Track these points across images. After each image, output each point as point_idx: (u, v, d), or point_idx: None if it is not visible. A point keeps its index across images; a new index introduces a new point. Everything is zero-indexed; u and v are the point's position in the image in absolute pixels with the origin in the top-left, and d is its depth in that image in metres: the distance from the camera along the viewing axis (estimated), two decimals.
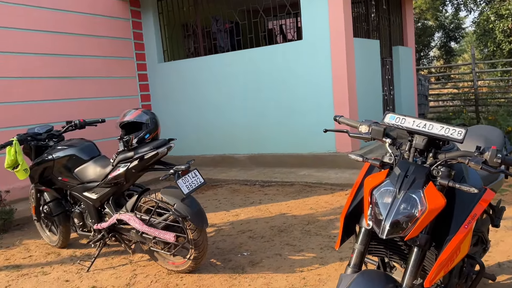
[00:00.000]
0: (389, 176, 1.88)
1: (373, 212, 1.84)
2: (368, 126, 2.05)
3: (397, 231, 1.75)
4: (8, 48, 6.37)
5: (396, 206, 1.76)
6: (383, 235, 1.76)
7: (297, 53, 7.09)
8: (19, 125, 6.14)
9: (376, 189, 1.86)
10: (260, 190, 6.30)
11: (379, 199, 1.83)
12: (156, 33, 8.63)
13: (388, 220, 1.75)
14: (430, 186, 1.77)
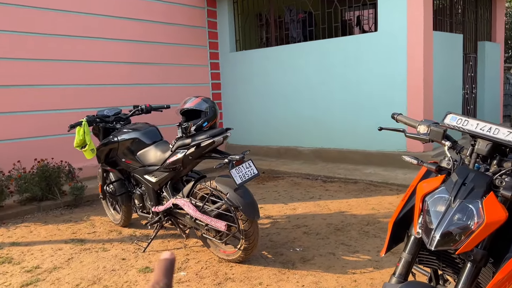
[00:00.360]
0: (445, 182, 1.72)
1: (423, 220, 1.70)
2: (427, 127, 1.89)
3: (448, 243, 1.60)
4: (90, 33, 6.74)
5: (450, 216, 1.61)
6: (432, 246, 1.62)
7: (371, 46, 6.81)
8: (94, 107, 6.49)
9: (429, 196, 1.72)
10: (321, 186, 6.17)
11: (431, 207, 1.69)
12: (230, 22, 8.71)
13: (439, 230, 1.61)
14: (491, 196, 1.60)
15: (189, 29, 8.29)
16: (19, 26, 5.98)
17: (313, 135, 7.65)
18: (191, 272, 3.44)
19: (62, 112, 6.36)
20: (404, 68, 6.45)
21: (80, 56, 6.65)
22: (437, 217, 1.64)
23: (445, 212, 1.64)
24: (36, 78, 6.18)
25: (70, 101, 6.54)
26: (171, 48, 7.98)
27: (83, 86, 6.73)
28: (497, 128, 1.65)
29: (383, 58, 6.67)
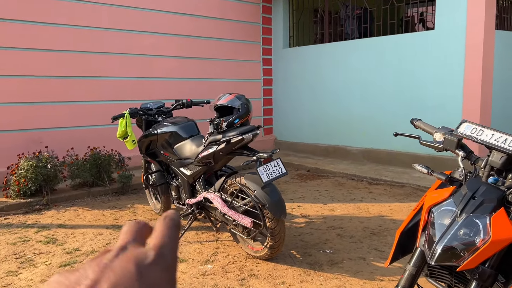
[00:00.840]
0: (454, 194, 1.63)
1: (427, 232, 1.63)
2: (442, 135, 1.80)
3: (449, 259, 1.53)
4: (144, 28, 7.00)
5: (454, 230, 1.53)
6: (432, 260, 1.55)
7: (427, 44, 6.52)
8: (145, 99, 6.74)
9: (436, 207, 1.64)
10: (366, 187, 6.02)
11: (437, 219, 1.61)
12: (284, 18, 8.69)
13: (441, 244, 1.53)
14: (501, 213, 1.50)
15: (243, 24, 8.37)
16: (78, 21, 6.33)
17: (363, 135, 7.47)
18: (217, 265, 3.49)
19: (115, 103, 6.66)
20: (461, 70, 6.11)
21: (134, 49, 6.93)
22: (441, 230, 1.57)
23: (449, 225, 1.56)
24: (91, 70, 6.52)
25: (123, 92, 6.84)
26: (223, 43, 8.10)
27: (136, 79, 7.00)
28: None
29: (440, 57, 6.36)
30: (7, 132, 5.85)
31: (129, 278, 0.33)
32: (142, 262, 0.35)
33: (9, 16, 5.75)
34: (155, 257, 0.36)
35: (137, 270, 0.34)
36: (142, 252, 0.36)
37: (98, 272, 0.34)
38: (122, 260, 0.35)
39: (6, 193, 5.20)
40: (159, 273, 0.35)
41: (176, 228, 0.40)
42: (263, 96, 8.89)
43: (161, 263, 0.36)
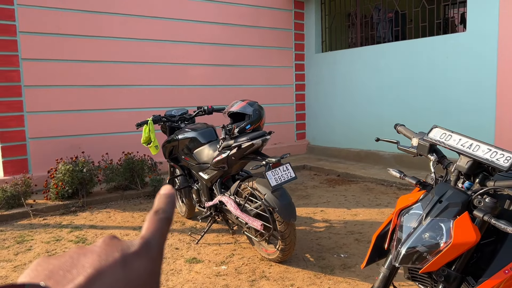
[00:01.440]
0: (423, 198, 1.67)
1: (395, 235, 1.67)
2: (418, 140, 1.83)
3: (413, 261, 1.57)
4: (176, 37, 7.27)
5: (418, 233, 1.58)
6: (396, 262, 1.60)
7: (459, 47, 6.36)
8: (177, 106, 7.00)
9: (405, 210, 1.68)
10: (394, 193, 5.94)
11: (405, 222, 1.65)
12: (316, 23, 8.73)
13: (405, 246, 1.58)
14: (464, 217, 1.53)
15: (275, 31, 8.49)
16: (113, 32, 6.68)
17: (395, 139, 7.33)
18: (231, 266, 3.61)
19: (149, 110, 6.96)
20: (494, 73, 5.92)
21: (167, 58, 7.21)
22: (407, 232, 1.61)
23: (415, 228, 1.60)
24: (126, 79, 6.86)
25: (157, 100, 7.13)
26: (256, 50, 8.25)
27: (170, 87, 7.28)
28: (478, 144, 1.56)
29: (472, 60, 6.19)
30: (49, 138, 6.26)
31: (113, 264, 0.34)
32: (127, 250, 0.35)
33: (48, 30, 6.17)
34: (140, 247, 0.36)
35: (122, 258, 0.34)
36: (128, 242, 0.37)
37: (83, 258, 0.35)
38: (107, 247, 0.36)
39: (46, 195, 5.57)
40: (143, 263, 0.36)
41: (165, 221, 0.40)
42: (295, 101, 8.95)
43: (146, 254, 0.36)
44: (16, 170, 5.98)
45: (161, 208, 0.41)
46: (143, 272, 0.35)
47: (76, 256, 0.35)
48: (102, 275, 0.33)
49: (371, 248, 1.86)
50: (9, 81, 5.91)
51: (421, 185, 1.71)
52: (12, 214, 5.11)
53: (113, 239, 0.37)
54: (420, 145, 1.77)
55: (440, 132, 1.67)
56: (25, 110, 6.07)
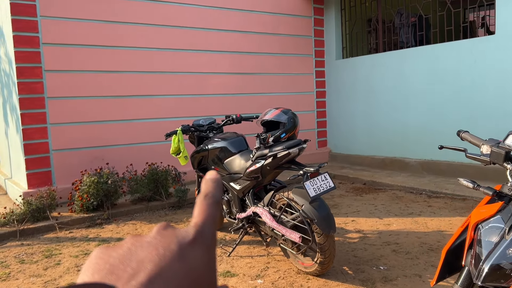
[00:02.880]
0: (502, 210, 1.53)
1: (474, 250, 1.54)
2: (490, 147, 1.70)
3: (497, 279, 1.43)
4: (197, 46, 7.22)
5: (502, 248, 1.44)
6: (479, 280, 1.46)
7: (487, 50, 6.20)
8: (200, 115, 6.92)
9: (483, 224, 1.55)
10: (425, 201, 5.77)
11: (484, 236, 1.52)
12: (336, 29, 8.63)
13: (488, 262, 1.44)
14: None
15: (295, 38, 8.40)
16: (135, 42, 6.65)
17: (422, 145, 7.18)
18: (267, 280, 3.48)
19: (171, 120, 6.90)
20: None
21: (188, 68, 7.15)
22: (488, 248, 1.48)
23: (497, 243, 1.46)
24: (148, 89, 6.81)
25: (179, 109, 7.07)
26: (276, 57, 8.17)
27: (191, 96, 7.22)
28: None
29: (501, 64, 6.02)
30: (73, 150, 6.22)
31: (171, 259, 0.33)
32: (183, 241, 0.35)
33: (71, 41, 6.16)
34: (195, 236, 0.36)
35: (179, 251, 0.34)
36: (183, 231, 0.36)
37: (140, 250, 0.34)
38: (164, 238, 0.35)
39: (71, 208, 5.51)
40: (200, 253, 0.35)
41: (215, 206, 0.39)
42: (316, 108, 8.83)
43: (201, 243, 0.36)
44: (40, 182, 5.94)
45: (210, 192, 0.40)
46: (200, 263, 0.35)
47: (134, 248, 0.34)
48: (161, 270, 0.32)
49: (441, 264, 1.73)
50: (33, 93, 5.89)
51: (498, 196, 1.58)
52: (38, 227, 5.06)
53: (167, 228, 0.37)
54: (494, 152, 1.64)
55: None
56: (48, 122, 6.04)
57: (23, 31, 5.78)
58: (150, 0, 6.72)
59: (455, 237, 1.74)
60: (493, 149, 1.64)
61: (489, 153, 1.68)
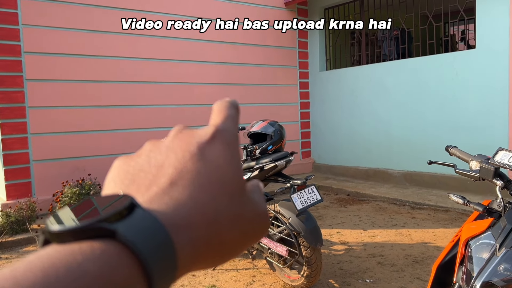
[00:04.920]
0: (493, 227, 1.54)
1: (465, 267, 1.54)
2: (479, 163, 1.71)
3: None
4: (183, 57, 7.19)
5: (493, 265, 1.44)
6: None
7: (468, 64, 6.32)
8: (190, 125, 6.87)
9: (474, 240, 1.55)
10: (408, 212, 5.81)
11: (475, 253, 1.52)
12: (320, 41, 8.70)
13: (479, 280, 1.44)
14: None
15: (280, 50, 8.44)
16: (120, 52, 6.59)
17: (405, 157, 7.26)
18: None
19: (156, 130, 6.83)
20: (506, 90, 5.87)
21: (174, 78, 7.12)
22: (479, 264, 1.47)
23: (488, 260, 1.46)
24: (132, 99, 6.74)
25: (164, 120, 7.01)
26: (260, 69, 8.19)
27: (176, 106, 7.17)
28: None
29: (482, 77, 6.15)
30: (53, 160, 6.10)
31: (192, 160, 0.32)
32: (202, 140, 0.34)
33: (53, 50, 6.08)
34: (214, 133, 0.35)
35: (198, 151, 0.33)
36: (200, 131, 0.35)
37: (159, 156, 0.33)
38: (181, 141, 0.34)
39: None
40: (220, 150, 0.34)
41: (235, 108, 0.39)
42: (300, 119, 8.86)
43: (221, 141, 0.34)
44: (19, 193, 5.80)
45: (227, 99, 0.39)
46: (222, 161, 0.33)
47: (153, 155, 0.34)
48: (182, 173, 0.32)
49: (432, 280, 1.73)
50: (13, 102, 5.77)
51: (488, 212, 1.59)
52: (17, 240, 4.92)
53: (183, 130, 0.36)
54: (484, 168, 1.65)
55: (508, 155, 1.55)
56: (29, 132, 5.92)
57: (4, 39, 5.67)
58: (135, 10, 6.68)
59: (445, 252, 1.74)
60: (483, 165, 1.65)
61: (478, 169, 1.69)
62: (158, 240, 0.28)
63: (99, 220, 0.27)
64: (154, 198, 0.30)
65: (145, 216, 0.28)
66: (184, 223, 0.30)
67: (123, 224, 0.27)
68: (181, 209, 0.30)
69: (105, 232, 0.27)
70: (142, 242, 0.27)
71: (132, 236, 0.27)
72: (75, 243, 0.26)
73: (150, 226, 0.28)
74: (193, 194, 0.31)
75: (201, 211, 0.31)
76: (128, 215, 0.28)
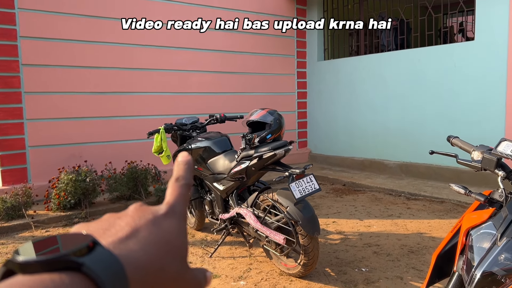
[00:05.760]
0: (494, 216, 1.55)
1: (465, 256, 1.55)
2: (481, 153, 1.72)
3: (489, 285, 1.44)
4: (179, 44, 7.14)
5: (494, 255, 1.45)
6: (471, 286, 1.47)
7: (467, 55, 6.32)
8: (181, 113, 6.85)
9: (474, 230, 1.56)
10: (404, 203, 5.85)
11: (475, 242, 1.53)
12: (319, 31, 8.66)
13: (480, 269, 1.45)
14: None
15: (277, 38, 8.39)
16: (116, 38, 6.53)
17: (401, 148, 7.28)
18: (250, 282, 3.46)
19: (152, 118, 6.81)
20: (503, 81, 5.88)
21: (170, 65, 7.07)
22: (480, 254, 1.48)
23: (489, 249, 1.47)
24: (128, 86, 6.70)
25: (160, 107, 6.98)
26: (258, 57, 8.15)
27: (172, 94, 7.14)
28: None
29: (480, 69, 6.15)
30: (50, 146, 6.07)
31: (146, 223, 0.38)
32: (157, 213, 0.40)
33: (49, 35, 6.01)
34: (167, 210, 0.41)
35: (153, 218, 0.39)
36: (156, 207, 0.42)
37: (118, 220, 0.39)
38: (138, 212, 0.40)
39: (47, 206, 5.37)
40: (172, 222, 0.40)
41: (186, 187, 0.44)
42: (297, 109, 8.85)
43: (173, 215, 0.41)
44: (15, 179, 5.78)
45: (181, 175, 0.44)
46: (173, 230, 0.39)
47: (113, 219, 0.39)
48: (137, 231, 0.37)
49: (431, 269, 1.74)
50: (9, 87, 5.72)
51: (489, 203, 1.60)
52: (13, 225, 4.91)
53: (142, 205, 0.42)
54: (486, 159, 1.65)
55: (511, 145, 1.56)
56: (25, 118, 5.87)
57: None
58: None
59: (445, 242, 1.75)
60: (485, 155, 1.65)
61: (480, 159, 1.70)
62: (118, 276, 0.32)
63: (68, 254, 0.31)
64: (112, 244, 0.35)
65: (107, 254, 0.33)
66: (135, 266, 0.34)
67: (89, 259, 0.31)
68: (133, 255, 0.35)
69: (71, 264, 0.31)
70: (105, 276, 0.31)
71: (98, 270, 0.31)
72: (43, 274, 0.30)
73: (111, 263, 0.32)
74: (145, 247, 0.36)
75: (150, 261, 0.36)
76: (91, 252, 0.32)
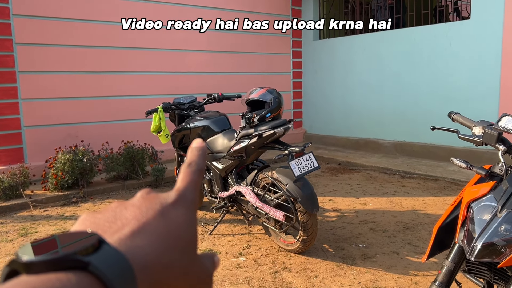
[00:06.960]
0: (495, 189, 1.59)
1: (466, 228, 1.60)
2: (482, 128, 1.76)
3: (490, 255, 1.49)
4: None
5: (494, 226, 1.50)
6: (472, 256, 1.52)
7: (462, 34, 6.34)
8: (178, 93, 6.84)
9: (475, 202, 1.61)
10: (398, 181, 5.93)
11: (476, 214, 1.58)
12: (314, 10, 8.61)
13: (481, 240, 1.50)
14: None
15: (272, 17, 8.34)
16: (111, 17, 6.45)
17: (396, 127, 7.34)
18: (250, 258, 3.53)
19: (149, 98, 6.78)
20: (498, 61, 5.92)
21: (166, 44, 7.02)
22: (480, 225, 1.53)
23: (490, 221, 1.52)
24: (125, 65, 6.65)
25: (156, 87, 6.95)
26: (253, 36, 8.10)
27: (168, 74, 7.10)
28: None
29: (476, 48, 6.18)
30: (45, 126, 6.05)
31: (154, 215, 0.36)
32: (165, 202, 0.38)
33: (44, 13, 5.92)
34: (176, 198, 0.39)
35: (161, 209, 0.37)
36: (165, 194, 0.39)
37: (125, 211, 0.37)
38: (146, 201, 0.38)
39: (44, 186, 5.39)
40: (181, 212, 0.38)
41: (198, 173, 0.42)
42: (293, 89, 8.86)
43: (182, 204, 0.39)
44: (11, 159, 5.76)
45: (194, 161, 0.43)
46: (182, 221, 0.37)
47: (119, 210, 0.37)
48: (145, 225, 0.35)
49: (432, 241, 1.79)
50: (3, 66, 5.66)
51: (490, 176, 1.64)
52: (11, 205, 4.93)
53: (149, 193, 0.40)
54: (487, 133, 1.69)
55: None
56: (20, 97, 5.83)
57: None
58: None
59: (445, 215, 1.80)
60: (486, 130, 1.69)
61: (481, 134, 1.74)
62: (126, 275, 0.31)
63: (74, 253, 0.30)
64: (118, 241, 0.33)
65: (113, 252, 0.32)
66: (143, 264, 0.33)
67: (95, 258, 0.30)
68: (141, 252, 0.33)
69: (77, 264, 0.30)
70: (112, 275, 0.30)
71: (104, 269, 0.30)
72: (49, 273, 0.29)
73: (118, 262, 0.31)
74: (152, 242, 0.35)
75: (157, 257, 0.34)
76: (97, 250, 0.31)
